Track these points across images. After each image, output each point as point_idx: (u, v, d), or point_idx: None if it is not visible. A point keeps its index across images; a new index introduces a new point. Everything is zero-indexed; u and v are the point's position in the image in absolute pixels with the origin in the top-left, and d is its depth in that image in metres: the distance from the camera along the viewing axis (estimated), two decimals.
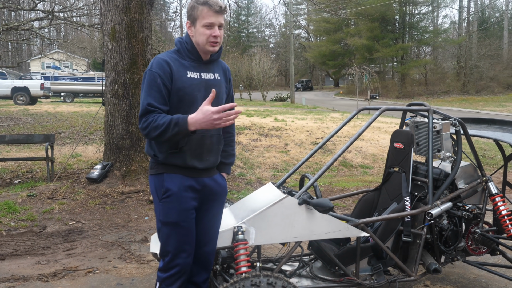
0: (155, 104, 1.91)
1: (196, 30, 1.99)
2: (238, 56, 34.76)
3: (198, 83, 2.00)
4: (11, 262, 3.56)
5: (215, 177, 2.14)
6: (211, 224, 2.14)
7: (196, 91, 1.98)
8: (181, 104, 1.97)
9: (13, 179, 6.38)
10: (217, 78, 2.09)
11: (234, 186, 6.12)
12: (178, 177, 2.01)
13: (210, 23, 1.95)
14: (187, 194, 2.01)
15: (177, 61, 2.00)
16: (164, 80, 1.93)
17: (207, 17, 1.95)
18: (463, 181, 2.87)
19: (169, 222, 2.01)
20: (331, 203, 2.21)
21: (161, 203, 2.01)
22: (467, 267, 3.34)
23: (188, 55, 2.03)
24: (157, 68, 1.95)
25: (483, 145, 9.46)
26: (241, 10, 54.35)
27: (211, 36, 1.97)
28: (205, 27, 1.96)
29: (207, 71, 2.06)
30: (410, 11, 36.61)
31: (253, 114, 13.74)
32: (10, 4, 11.70)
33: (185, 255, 2.03)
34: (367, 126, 2.52)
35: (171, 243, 2.02)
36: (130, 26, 5.42)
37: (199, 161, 2.03)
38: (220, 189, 2.15)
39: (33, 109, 14.67)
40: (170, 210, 2.00)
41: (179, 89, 1.96)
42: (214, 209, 2.14)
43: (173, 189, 1.99)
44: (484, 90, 32.02)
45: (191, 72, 2.00)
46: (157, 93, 1.92)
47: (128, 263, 3.53)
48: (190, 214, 2.03)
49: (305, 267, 2.72)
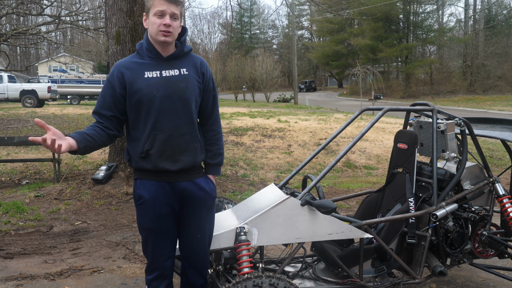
0: (100, 112, 1.97)
1: (149, 20, 1.95)
2: (241, 57, 34.82)
3: (157, 82, 1.94)
4: (19, 260, 3.61)
5: (197, 180, 2.05)
6: (199, 229, 2.08)
7: (155, 90, 1.93)
8: (140, 106, 1.94)
9: (22, 179, 6.45)
10: (183, 73, 1.99)
11: (237, 187, 6.12)
12: (150, 184, 1.98)
13: (160, 11, 1.89)
14: (161, 201, 1.98)
15: (135, 63, 1.98)
16: (114, 86, 1.95)
17: (158, 5, 1.90)
18: (469, 182, 2.83)
19: (144, 228, 2.02)
20: (334, 204, 2.20)
21: (136, 209, 2.03)
22: (474, 270, 3.29)
23: (147, 54, 1.99)
24: (110, 75, 2.00)
25: (491, 145, 9.36)
26: (243, 11, 54.41)
27: (161, 25, 1.90)
28: (156, 16, 1.91)
29: (169, 68, 1.98)
30: (415, 10, 36.29)
31: (257, 115, 13.74)
32: (19, 10, 11.83)
33: (163, 259, 2.04)
34: (370, 127, 2.51)
35: (149, 247, 2.03)
36: (134, 29, 5.46)
37: (172, 162, 1.95)
38: (203, 193, 2.05)
39: (40, 111, 14.83)
40: (144, 217, 2.00)
41: (135, 91, 1.93)
42: (200, 214, 2.07)
43: (145, 196, 1.98)
44: (492, 89, 31.64)
45: (149, 71, 1.95)
46: (104, 99, 1.98)
47: (132, 263, 3.55)
48: (165, 219, 2.01)
49: (308, 269, 2.71)
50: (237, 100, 31.88)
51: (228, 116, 13.04)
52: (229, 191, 5.86)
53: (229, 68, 33.55)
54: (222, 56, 41.29)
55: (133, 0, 5.39)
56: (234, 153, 7.97)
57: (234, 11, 34.08)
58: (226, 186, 6.08)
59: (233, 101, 31.19)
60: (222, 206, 2.96)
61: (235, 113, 14.38)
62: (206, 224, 2.12)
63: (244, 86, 33.07)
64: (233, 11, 10.34)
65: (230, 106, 21.32)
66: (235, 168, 7.06)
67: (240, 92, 33.81)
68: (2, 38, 11.50)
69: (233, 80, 33.33)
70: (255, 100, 31.33)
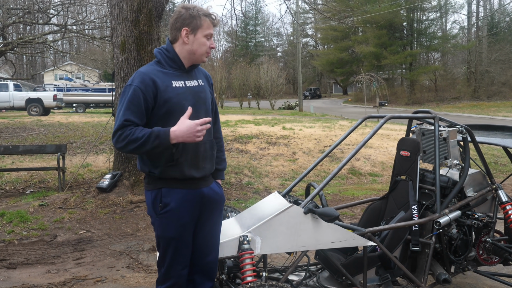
0: (133, 119, 1.89)
1: (196, 39, 1.99)
2: (246, 65, 35.02)
3: (184, 92, 1.99)
4: (22, 270, 3.62)
5: (212, 186, 2.13)
6: (212, 233, 2.14)
7: (184, 100, 1.97)
8: (170, 116, 1.94)
9: (26, 188, 6.50)
10: (201, 84, 2.09)
11: (242, 195, 6.12)
12: (177, 192, 2.00)
13: (210, 34, 2.01)
14: (185, 209, 2.00)
15: (160, 72, 1.99)
16: (146, 95, 1.91)
17: (208, 28, 2.00)
18: (472, 189, 2.83)
19: (167, 237, 2.01)
20: (337, 212, 2.20)
21: (159, 218, 2.01)
22: (479, 277, 3.26)
23: (169, 64, 2.01)
24: (139, 83, 1.93)
25: (496, 152, 9.29)
26: (248, 20, 54.86)
27: (209, 48, 2.03)
28: (206, 38, 2.01)
29: (190, 79, 2.05)
30: (418, 18, 36.43)
31: (261, 122, 13.77)
32: (25, 19, 12.05)
33: (180, 268, 2.04)
34: (372, 135, 2.52)
35: (168, 256, 2.03)
36: (139, 38, 5.53)
37: (196, 170, 2.01)
38: (218, 197, 2.14)
39: (46, 119, 14.97)
40: (168, 226, 2.00)
41: (166, 100, 1.94)
42: (213, 218, 2.14)
43: (172, 204, 1.98)
44: (496, 95, 31.52)
45: (175, 81, 1.99)
46: (137, 108, 1.90)
47: (136, 272, 3.55)
48: (188, 227, 2.03)
49: (312, 277, 2.70)
50: (242, 108, 31.99)
51: (233, 124, 13.07)
52: (233, 199, 5.86)
53: (234, 76, 33.75)
54: (227, 64, 41.56)
55: (138, 10, 5.47)
56: (239, 160, 7.99)
57: (239, 19, 34.40)
58: (231, 194, 6.08)
59: (238, 108, 31.31)
60: (226, 215, 2.97)
61: (240, 121, 14.42)
62: (218, 228, 2.19)
63: (249, 93, 33.22)
64: (238, 20, 10.45)
65: (235, 113, 21.40)
66: (239, 176, 7.06)
67: (245, 100, 33.95)
68: (9, 47, 11.69)
69: (238, 87, 33.51)
70: (260, 107, 31.42)
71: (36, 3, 11.79)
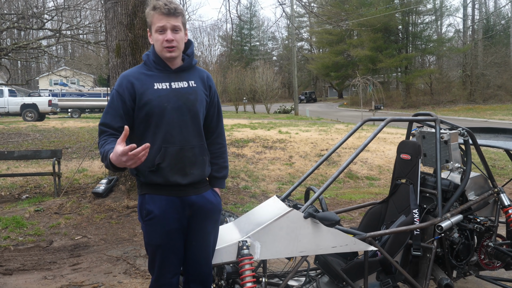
0: (108, 123, 1.88)
1: (154, 37, 1.93)
2: (241, 69, 35.07)
3: (167, 94, 1.92)
4: (18, 277, 3.55)
5: (205, 194, 2.04)
6: (205, 243, 2.06)
7: (165, 102, 1.91)
8: (150, 118, 1.91)
9: (21, 194, 6.41)
10: (192, 85, 1.99)
11: (239, 199, 6.08)
12: (161, 198, 1.93)
13: (160, 27, 1.89)
14: (170, 216, 1.94)
15: (143, 74, 1.95)
16: (124, 98, 1.89)
17: (157, 21, 1.89)
18: (473, 193, 2.81)
19: (152, 244, 1.96)
20: (338, 217, 2.16)
21: (144, 224, 1.96)
22: (481, 282, 3.23)
23: (154, 66, 1.97)
24: (117, 86, 1.92)
25: (493, 155, 9.32)
26: (243, 24, 55.05)
27: (164, 41, 1.89)
28: (158, 33, 1.90)
29: (178, 80, 1.97)
30: (413, 21, 36.71)
31: (257, 126, 13.75)
32: (20, 24, 11.97)
33: (169, 276, 1.99)
34: (372, 138, 2.49)
35: (156, 264, 1.98)
36: (134, 42, 5.49)
37: (182, 176, 1.93)
38: (211, 207, 2.04)
39: (41, 125, 14.86)
40: (153, 233, 1.94)
41: (145, 103, 1.90)
42: (207, 228, 2.05)
43: (155, 211, 1.93)
44: (492, 98, 31.74)
45: (158, 83, 1.93)
46: (114, 111, 1.89)
47: (133, 278, 3.49)
48: (174, 235, 1.97)
49: (312, 282, 2.66)
50: (238, 112, 31.98)
51: (229, 128, 13.05)
52: (230, 203, 5.81)
53: (230, 80, 33.77)
54: (222, 68, 41.62)
55: (133, 13, 5.44)
56: (235, 165, 7.94)
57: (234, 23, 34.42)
58: (228, 198, 6.04)
59: (234, 112, 31.29)
60: (224, 219, 2.92)
61: (236, 125, 14.40)
62: (212, 237, 2.10)
63: (245, 97, 33.22)
64: (233, 24, 10.44)
65: (231, 117, 21.38)
66: (236, 180, 7.02)
67: (241, 104, 33.95)
68: (3, 52, 11.60)
69: (234, 91, 33.51)
70: (255, 111, 31.43)
71: (30, 8, 11.74)
